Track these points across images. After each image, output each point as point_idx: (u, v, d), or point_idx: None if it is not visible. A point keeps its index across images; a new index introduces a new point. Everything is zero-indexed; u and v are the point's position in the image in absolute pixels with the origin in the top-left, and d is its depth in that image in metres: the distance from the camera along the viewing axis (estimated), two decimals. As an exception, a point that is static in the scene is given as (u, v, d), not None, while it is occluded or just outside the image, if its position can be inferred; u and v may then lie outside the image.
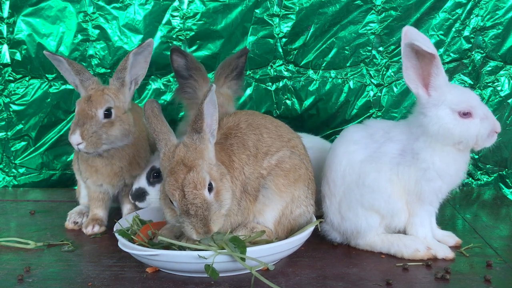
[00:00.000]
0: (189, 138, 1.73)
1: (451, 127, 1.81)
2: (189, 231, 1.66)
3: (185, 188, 1.64)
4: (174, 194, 1.65)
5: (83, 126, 2.05)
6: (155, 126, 1.77)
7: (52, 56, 2.15)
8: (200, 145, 1.71)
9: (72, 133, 2.05)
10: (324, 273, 1.75)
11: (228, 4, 3.06)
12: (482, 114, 1.82)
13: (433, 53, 1.77)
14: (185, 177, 1.64)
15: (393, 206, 1.90)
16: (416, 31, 1.90)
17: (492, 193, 2.96)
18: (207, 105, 1.69)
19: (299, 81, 3.14)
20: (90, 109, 2.07)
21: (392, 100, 3.12)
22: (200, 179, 1.65)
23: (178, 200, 1.64)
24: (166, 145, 1.75)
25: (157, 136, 1.77)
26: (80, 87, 2.16)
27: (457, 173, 1.89)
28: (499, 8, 2.97)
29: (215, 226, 1.67)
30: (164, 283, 1.69)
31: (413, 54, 1.83)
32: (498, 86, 3.05)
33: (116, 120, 2.13)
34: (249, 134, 1.88)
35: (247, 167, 1.83)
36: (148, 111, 1.79)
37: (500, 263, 1.82)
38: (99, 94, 2.11)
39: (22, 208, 2.76)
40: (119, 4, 3.08)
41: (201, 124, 1.71)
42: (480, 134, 1.82)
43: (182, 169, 1.66)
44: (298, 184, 1.90)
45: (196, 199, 1.64)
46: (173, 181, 1.65)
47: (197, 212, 1.64)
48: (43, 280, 1.74)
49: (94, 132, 2.06)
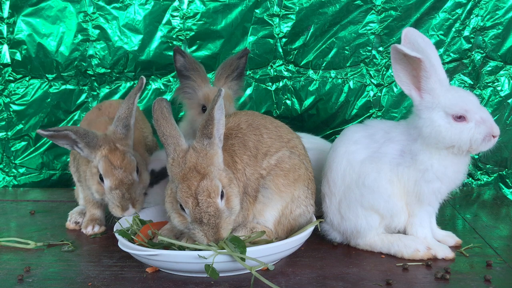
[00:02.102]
0: (199, 143, 1.71)
1: (442, 130, 1.80)
2: (200, 237, 1.67)
3: (199, 196, 1.63)
4: (187, 202, 1.64)
5: (130, 196, 2.06)
6: (164, 129, 1.74)
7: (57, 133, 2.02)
8: (210, 151, 1.71)
9: (124, 210, 2.05)
10: (324, 273, 1.75)
11: (228, 4, 3.06)
12: (478, 118, 1.79)
13: (419, 57, 1.76)
14: (198, 185, 1.64)
15: (393, 206, 1.90)
16: (417, 33, 1.89)
17: (492, 193, 2.96)
18: (217, 111, 1.69)
19: (299, 81, 3.14)
20: (127, 177, 2.06)
21: (392, 100, 3.12)
22: (214, 187, 1.65)
23: (191, 208, 1.64)
24: (175, 150, 1.73)
25: (166, 140, 1.74)
26: (86, 148, 2.06)
27: (456, 175, 1.88)
28: (499, 8, 2.97)
29: (225, 233, 1.68)
30: (164, 283, 1.69)
31: (401, 57, 1.82)
32: (498, 86, 3.05)
33: (141, 169, 2.15)
34: (250, 134, 1.88)
35: (248, 168, 1.84)
36: (157, 112, 1.76)
37: (500, 263, 1.82)
38: (122, 157, 2.06)
39: (22, 208, 2.76)
40: (119, 4, 3.08)
41: (212, 129, 1.70)
42: (474, 139, 1.79)
43: (195, 176, 1.65)
44: (298, 184, 1.90)
45: (210, 208, 1.64)
46: (186, 188, 1.64)
47: (210, 221, 1.64)
48: (43, 280, 1.74)
49: (139, 195, 2.10)
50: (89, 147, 2.05)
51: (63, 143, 2.06)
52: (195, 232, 1.67)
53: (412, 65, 1.82)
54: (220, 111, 1.72)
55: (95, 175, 2.08)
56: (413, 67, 1.82)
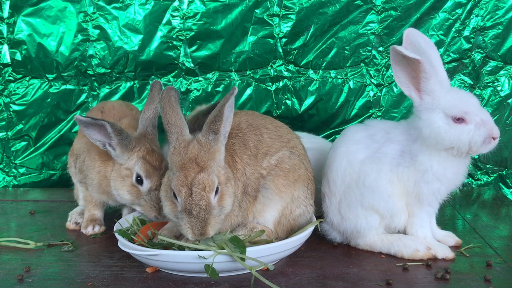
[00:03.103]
0: (204, 137, 1.71)
1: (442, 131, 1.79)
2: (185, 229, 1.65)
3: (193, 187, 1.63)
4: (181, 191, 1.64)
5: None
6: (169, 118, 1.74)
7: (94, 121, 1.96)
8: (214, 146, 1.71)
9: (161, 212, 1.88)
10: (324, 273, 1.75)
11: (228, 4, 3.06)
12: (478, 120, 1.78)
13: (418, 59, 1.76)
14: (195, 176, 1.64)
15: (393, 206, 1.90)
16: (418, 33, 1.89)
17: (492, 193, 2.96)
18: (227, 108, 1.69)
19: (299, 81, 3.14)
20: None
21: (392, 100, 3.11)
22: (210, 181, 1.65)
23: (184, 197, 1.64)
24: (177, 139, 1.73)
25: (169, 129, 1.74)
26: (119, 147, 2.02)
27: (455, 176, 1.88)
28: (499, 8, 2.97)
29: (212, 231, 1.67)
30: (164, 283, 1.69)
31: (400, 58, 1.82)
32: (498, 86, 3.05)
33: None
34: (250, 134, 1.88)
35: (248, 168, 1.84)
36: (165, 100, 1.75)
37: (500, 263, 1.82)
38: (160, 158, 2.00)
39: (22, 208, 2.76)
40: (119, 4, 3.08)
41: (219, 125, 1.70)
42: (474, 140, 1.78)
43: (194, 167, 1.66)
44: (298, 184, 1.90)
45: (202, 201, 1.64)
46: (183, 177, 1.65)
47: (199, 214, 1.64)
48: (43, 280, 1.74)
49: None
50: (122, 146, 2.01)
51: (96, 139, 2.02)
52: (182, 223, 1.65)
53: (412, 66, 1.82)
54: (230, 109, 1.73)
55: (127, 178, 2.04)
56: (413, 68, 1.82)
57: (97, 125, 1.98)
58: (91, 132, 2.01)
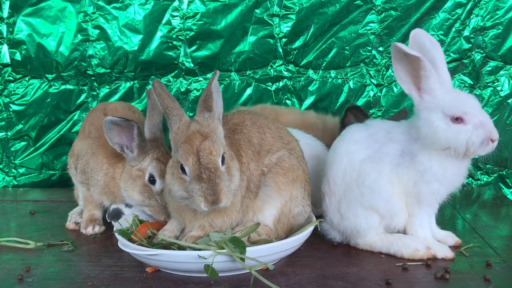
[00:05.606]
0: (200, 116, 1.75)
1: (439, 131, 1.79)
2: (198, 199, 1.64)
3: (200, 153, 1.65)
4: (187, 159, 1.65)
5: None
6: (168, 103, 1.76)
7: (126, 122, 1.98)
8: (212, 123, 1.74)
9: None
10: (324, 273, 1.75)
11: (228, 4, 3.06)
12: (477, 121, 1.77)
13: (418, 56, 1.76)
14: (200, 144, 1.66)
15: (393, 206, 1.89)
16: (425, 34, 1.88)
17: (492, 193, 2.96)
18: (214, 87, 1.72)
19: (299, 81, 3.15)
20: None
21: (392, 100, 3.12)
22: (216, 147, 1.67)
23: (192, 164, 1.65)
24: (180, 120, 1.75)
25: (171, 112, 1.75)
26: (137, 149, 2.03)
27: (455, 177, 1.87)
28: (499, 8, 2.97)
29: (225, 198, 1.65)
30: (164, 283, 1.69)
31: (401, 56, 1.82)
32: (498, 86, 3.05)
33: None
34: (254, 131, 1.91)
35: (252, 163, 1.86)
36: (158, 89, 1.77)
37: (500, 263, 1.82)
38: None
39: (22, 208, 2.76)
40: (119, 4, 3.08)
41: (211, 102, 1.74)
42: (471, 141, 1.76)
43: (198, 137, 1.68)
44: (296, 184, 1.91)
45: (210, 164, 1.64)
46: (189, 146, 1.66)
47: (210, 177, 1.64)
48: (43, 280, 1.74)
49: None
50: (140, 148, 2.03)
51: (115, 142, 2.02)
52: (194, 194, 1.64)
53: (413, 64, 1.82)
54: (217, 90, 1.76)
55: (139, 178, 2.05)
56: (414, 66, 1.82)
57: (123, 126, 1.98)
58: (112, 135, 2.01)
